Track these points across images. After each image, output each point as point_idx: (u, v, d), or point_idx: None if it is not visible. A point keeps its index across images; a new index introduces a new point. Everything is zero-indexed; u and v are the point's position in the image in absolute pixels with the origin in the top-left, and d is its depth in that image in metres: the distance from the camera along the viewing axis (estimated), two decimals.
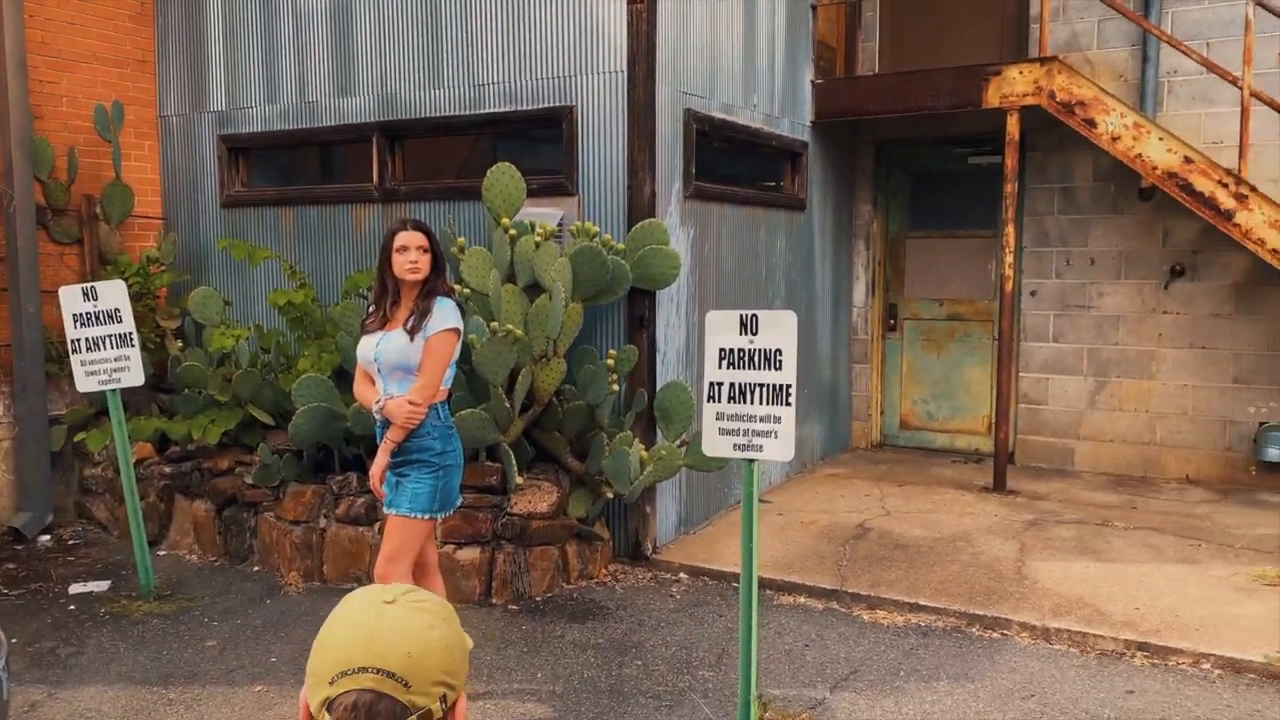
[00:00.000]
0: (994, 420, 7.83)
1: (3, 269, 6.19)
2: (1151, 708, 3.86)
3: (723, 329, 3.55)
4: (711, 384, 3.57)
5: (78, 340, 4.95)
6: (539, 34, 5.59)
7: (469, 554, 5.06)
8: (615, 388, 5.07)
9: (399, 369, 3.78)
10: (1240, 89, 6.09)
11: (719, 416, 3.56)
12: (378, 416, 3.82)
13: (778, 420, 3.46)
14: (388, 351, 3.78)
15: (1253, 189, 6.06)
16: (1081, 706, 3.88)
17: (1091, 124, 6.43)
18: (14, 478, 6.19)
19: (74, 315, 4.94)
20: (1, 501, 6.18)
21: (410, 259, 3.82)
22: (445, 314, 3.76)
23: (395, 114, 6.12)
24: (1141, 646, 4.31)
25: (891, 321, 8.47)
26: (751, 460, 3.53)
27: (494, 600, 5.06)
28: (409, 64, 6.05)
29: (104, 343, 4.94)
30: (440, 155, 6.32)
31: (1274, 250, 6.02)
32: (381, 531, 5.21)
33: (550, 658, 4.42)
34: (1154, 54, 7.08)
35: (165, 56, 7.08)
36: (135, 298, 6.56)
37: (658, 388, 5.42)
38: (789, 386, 3.44)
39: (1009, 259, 6.73)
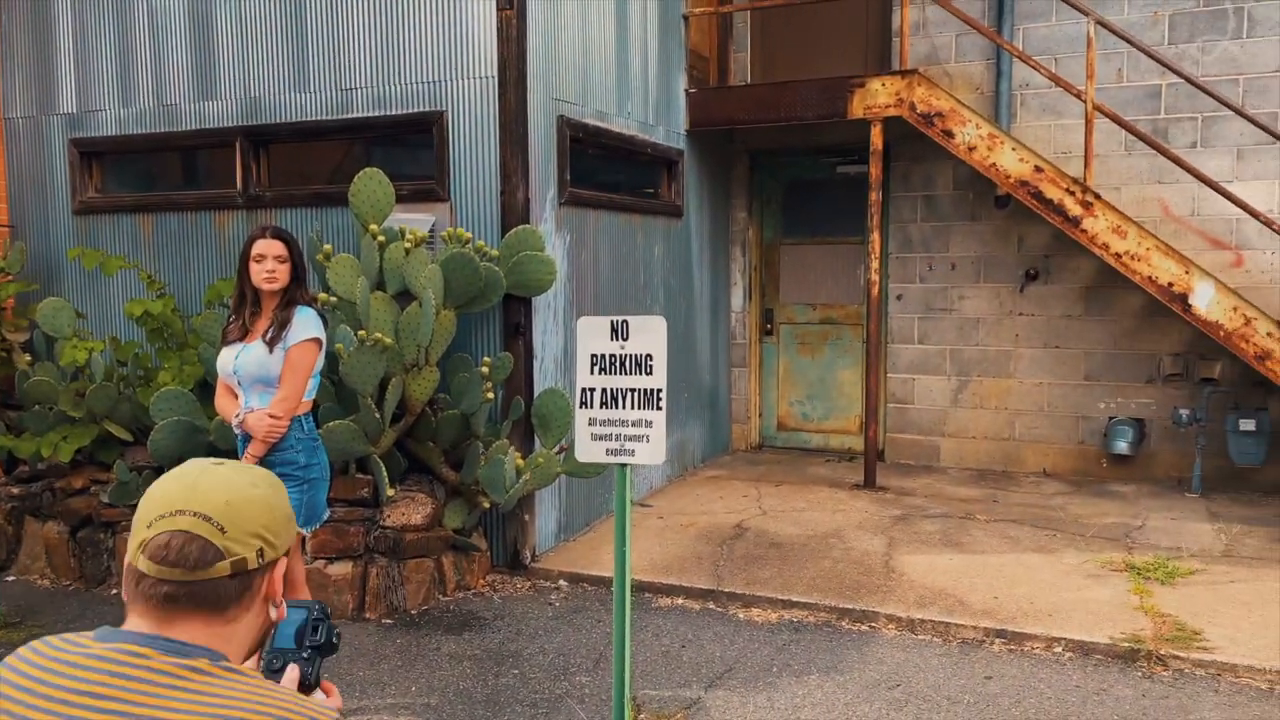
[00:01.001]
0: (864, 420, 8.09)
1: None
2: (1008, 691, 4.04)
3: (594, 335, 3.56)
4: (584, 390, 3.58)
5: None
6: (408, 38, 5.52)
7: (341, 569, 4.95)
8: (490, 396, 5.03)
9: (259, 381, 3.68)
10: (1084, 102, 6.44)
11: (591, 422, 3.57)
12: (238, 431, 3.71)
13: (649, 424, 3.50)
14: (247, 363, 3.68)
15: (1097, 196, 6.43)
16: (943, 693, 4.04)
17: (950, 135, 6.71)
18: None
19: None
20: None
21: (267, 268, 3.73)
22: (306, 324, 3.69)
23: (260, 118, 5.95)
24: (999, 634, 4.52)
25: (768, 326, 8.65)
26: (624, 465, 3.55)
27: (368, 615, 4.96)
28: (273, 67, 5.89)
29: None
30: (308, 161, 6.16)
31: (1117, 254, 6.39)
32: None
33: (425, 670, 4.35)
34: (1007, 68, 7.44)
35: (9, 56, 6.71)
36: None
37: (535, 395, 5.41)
38: (659, 391, 3.48)
39: (875, 264, 6.96)
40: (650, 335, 3.51)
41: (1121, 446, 7.29)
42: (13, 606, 5.14)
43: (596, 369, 3.57)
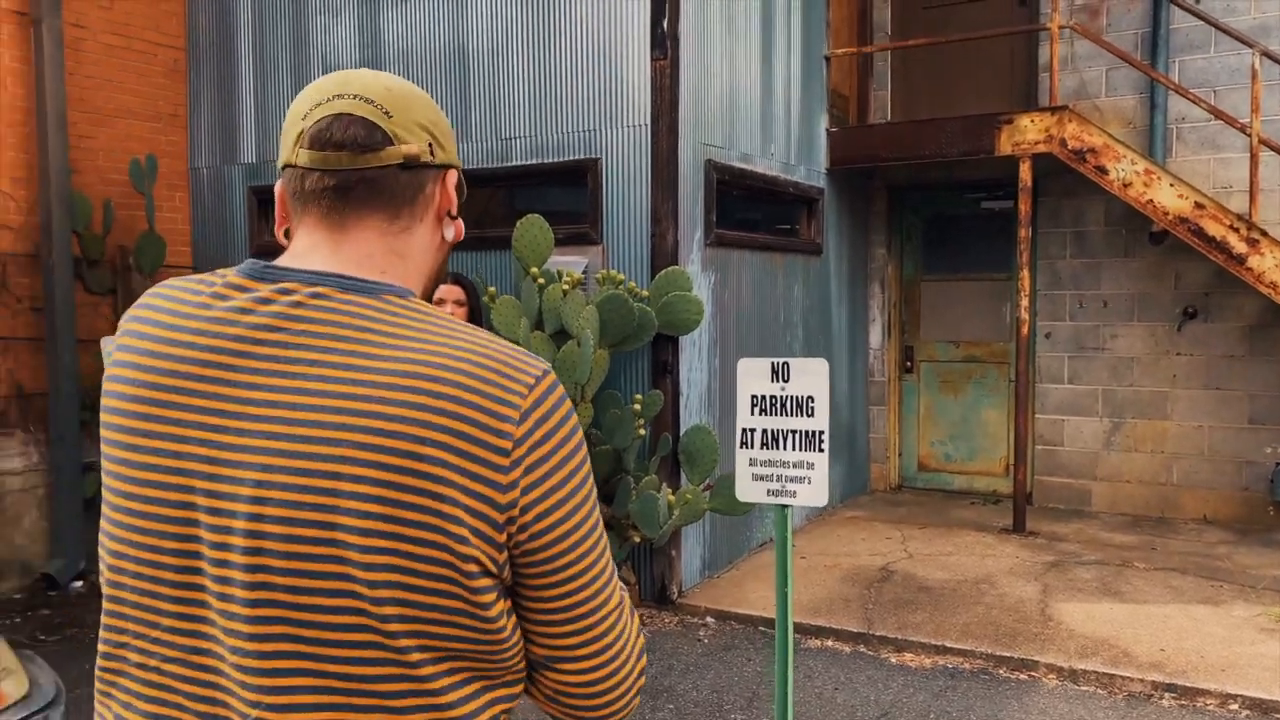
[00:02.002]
0: (1012, 462, 7.91)
1: (40, 320, 6.34)
2: None
3: (755, 376, 3.65)
4: (744, 430, 3.66)
5: None
6: (564, 90, 5.76)
7: None
8: (642, 432, 5.16)
9: None
10: (1249, 136, 6.22)
11: (752, 462, 3.65)
12: None
13: (811, 466, 3.55)
14: None
15: (1263, 233, 6.18)
16: None
17: (1103, 170, 6.56)
18: (47, 525, 6.29)
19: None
20: (35, 548, 6.27)
21: (446, 312, 3.95)
22: None
23: None
24: (1169, 688, 4.36)
25: (908, 364, 8.56)
26: (785, 506, 3.61)
27: None
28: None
29: None
30: (468, 206, 6.46)
31: None
32: None
33: None
34: (1162, 101, 7.23)
35: (197, 111, 7.28)
36: None
37: (682, 432, 5.52)
38: (821, 433, 3.53)
39: (1024, 302, 6.84)
40: (812, 377, 3.57)
41: None
42: None
43: (757, 410, 3.65)
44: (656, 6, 5.45)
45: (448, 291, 3.99)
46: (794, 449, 3.58)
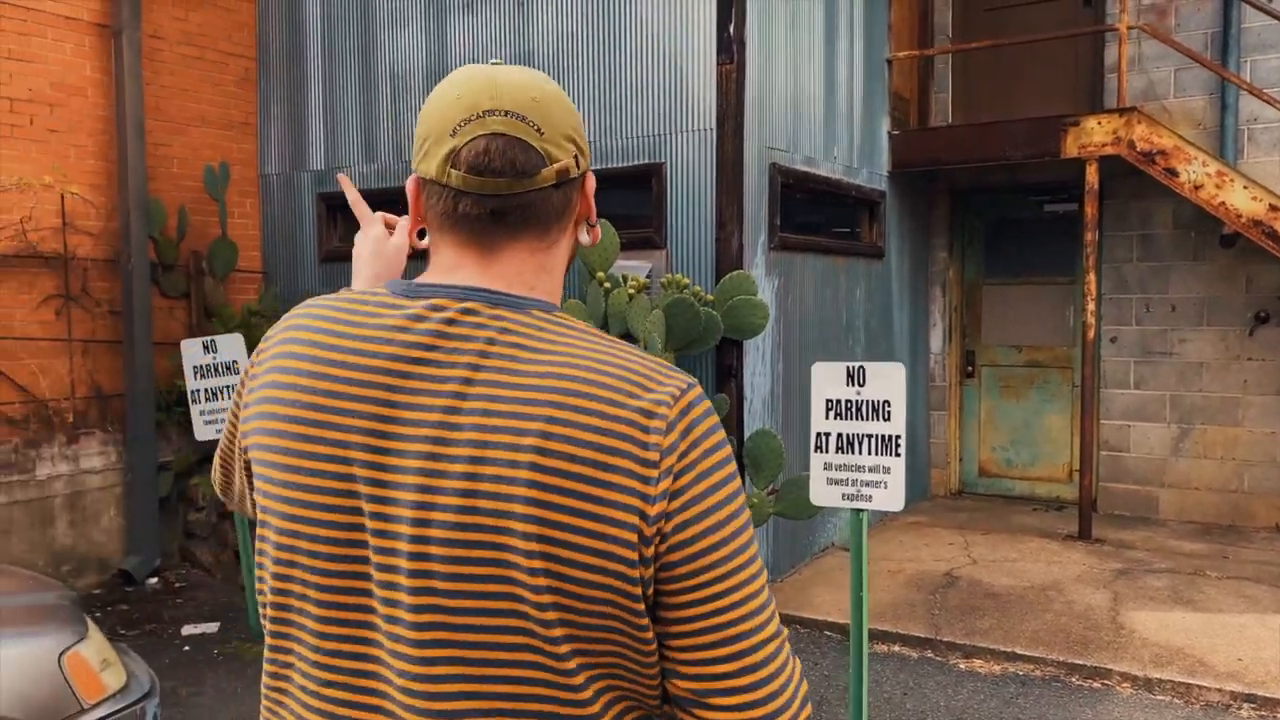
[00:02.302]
0: (1075, 467, 7.81)
1: (118, 323, 6.52)
2: None
3: (830, 380, 3.66)
4: (819, 434, 3.68)
5: (197, 391, 5.20)
6: (629, 95, 5.81)
7: None
8: None
9: None
10: None
11: (827, 466, 3.66)
12: None
13: (887, 470, 3.55)
14: None
15: None
16: None
17: (1173, 173, 6.46)
18: (124, 522, 6.46)
19: (194, 367, 5.20)
20: (113, 545, 6.45)
21: None
22: None
23: None
24: (1248, 698, 4.28)
25: (969, 368, 8.49)
26: (860, 510, 3.62)
27: None
28: None
29: (222, 393, 5.18)
30: None
31: None
32: None
33: None
34: (1233, 102, 7.10)
35: (267, 119, 7.44)
36: None
37: (745, 436, 5.53)
38: (898, 437, 3.54)
39: (1091, 306, 6.75)
40: (888, 381, 3.57)
41: None
42: None
43: (832, 414, 3.66)
44: (723, 11, 5.48)
45: None
46: (870, 453, 3.59)
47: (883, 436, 3.57)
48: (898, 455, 3.54)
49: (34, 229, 6.12)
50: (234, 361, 5.17)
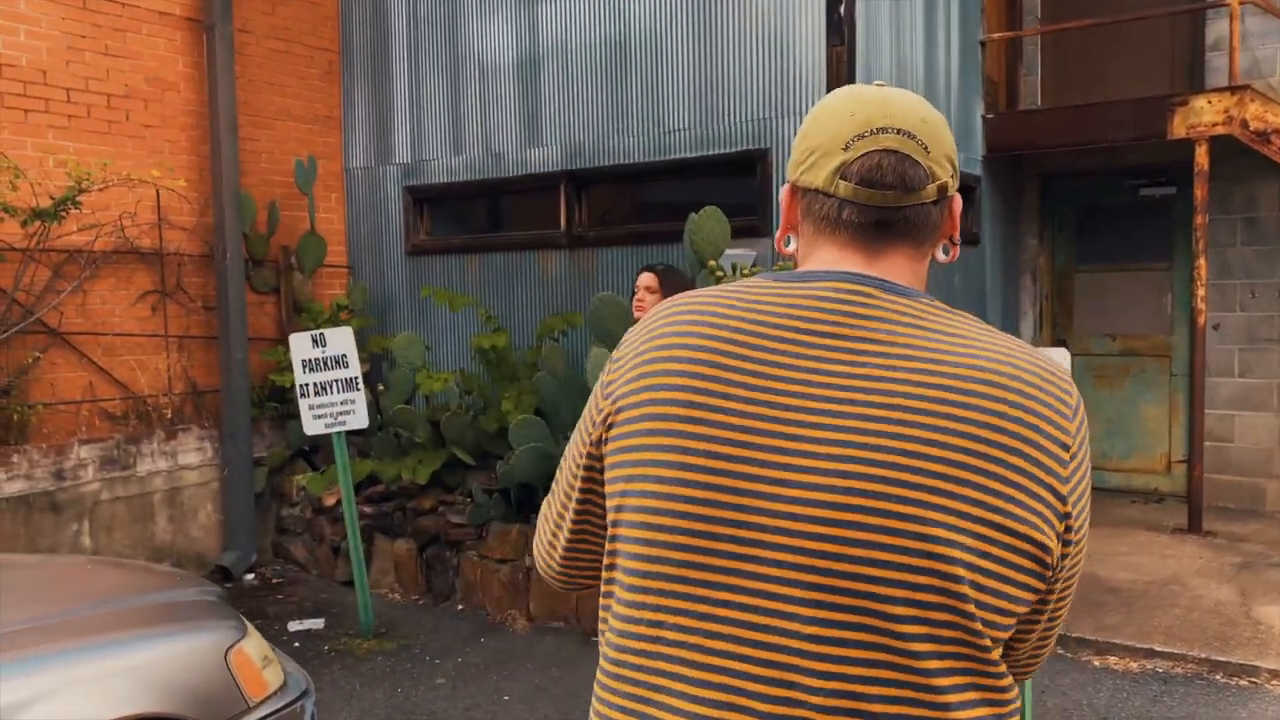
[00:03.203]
0: (1175, 458, 7.60)
1: (211, 318, 6.52)
2: None
3: None
4: None
5: (306, 385, 5.16)
6: (730, 80, 5.69)
7: None
8: None
9: None
10: None
11: None
12: None
13: None
14: None
15: None
16: None
17: None
18: (221, 517, 6.46)
19: (303, 361, 5.15)
20: (210, 541, 6.45)
21: (638, 298, 3.96)
22: None
23: (582, 162, 6.28)
24: None
25: None
26: None
27: None
28: (597, 113, 6.21)
29: (330, 387, 5.14)
30: (628, 201, 6.45)
31: None
32: None
33: None
34: None
35: (351, 113, 7.41)
36: None
37: None
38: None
39: (1201, 291, 6.54)
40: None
41: None
42: (376, 618, 5.58)
43: None
44: None
45: (640, 279, 3.98)
46: None
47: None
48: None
49: (131, 224, 6.12)
50: (343, 355, 5.12)
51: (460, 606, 5.77)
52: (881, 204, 1.07)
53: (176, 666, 2.72)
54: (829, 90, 5.23)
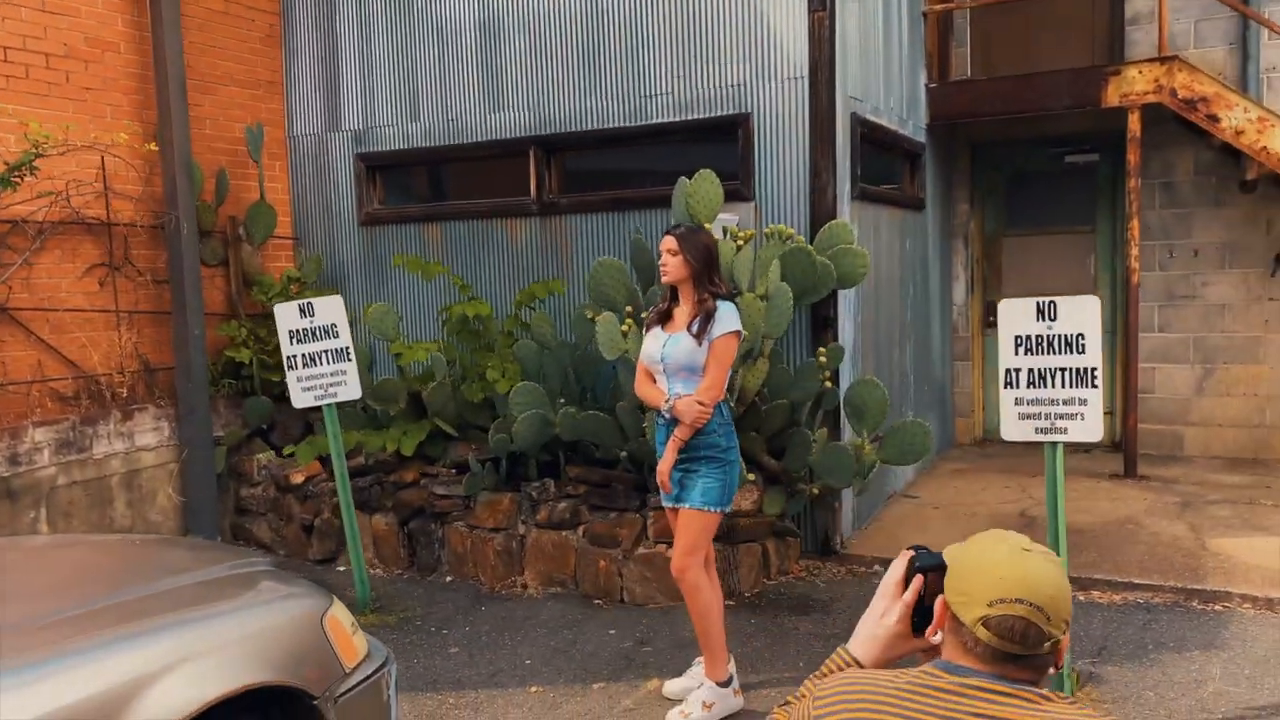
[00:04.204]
0: (1107, 410, 8.07)
1: (162, 292, 6.21)
2: None
3: (1018, 316, 3.70)
4: (1009, 370, 3.72)
5: (293, 356, 4.99)
6: (710, 44, 5.73)
7: None
8: (830, 385, 5.20)
9: (685, 369, 3.89)
10: None
11: (1018, 402, 3.71)
12: (666, 415, 3.92)
13: (1084, 403, 3.62)
14: (675, 353, 3.89)
15: None
16: None
17: (1214, 119, 6.68)
18: (183, 499, 6.18)
19: (290, 332, 4.98)
20: (170, 524, 6.17)
21: (661, 262, 3.96)
22: (728, 318, 3.87)
23: (553, 127, 6.22)
24: None
25: (991, 319, 8.67)
26: (1055, 443, 3.67)
27: None
28: (567, 76, 6.16)
29: (320, 358, 4.98)
30: (602, 167, 6.42)
31: None
32: (585, 535, 5.30)
33: (798, 648, 4.52)
34: (1255, 51, 7.37)
35: (295, 77, 7.12)
36: None
37: (841, 385, 5.56)
38: (1094, 369, 3.60)
39: (1134, 251, 6.95)
40: (1082, 315, 3.63)
41: None
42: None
43: (1021, 350, 3.70)
44: None
45: (663, 243, 3.99)
46: (1064, 386, 3.64)
47: (1078, 370, 3.63)
48: (1094, 387, 3.60)
49: (76, 194, 5.77)
50: (333, 325, 4.96)
51: (449, 578, 5.70)
52: (1006, 650, 1.42)
53: (281, 636, 2.63)
54: (813, 57, 5.35)
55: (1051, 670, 1.51)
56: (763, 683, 4.19)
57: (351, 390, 5.01)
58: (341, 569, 5.97)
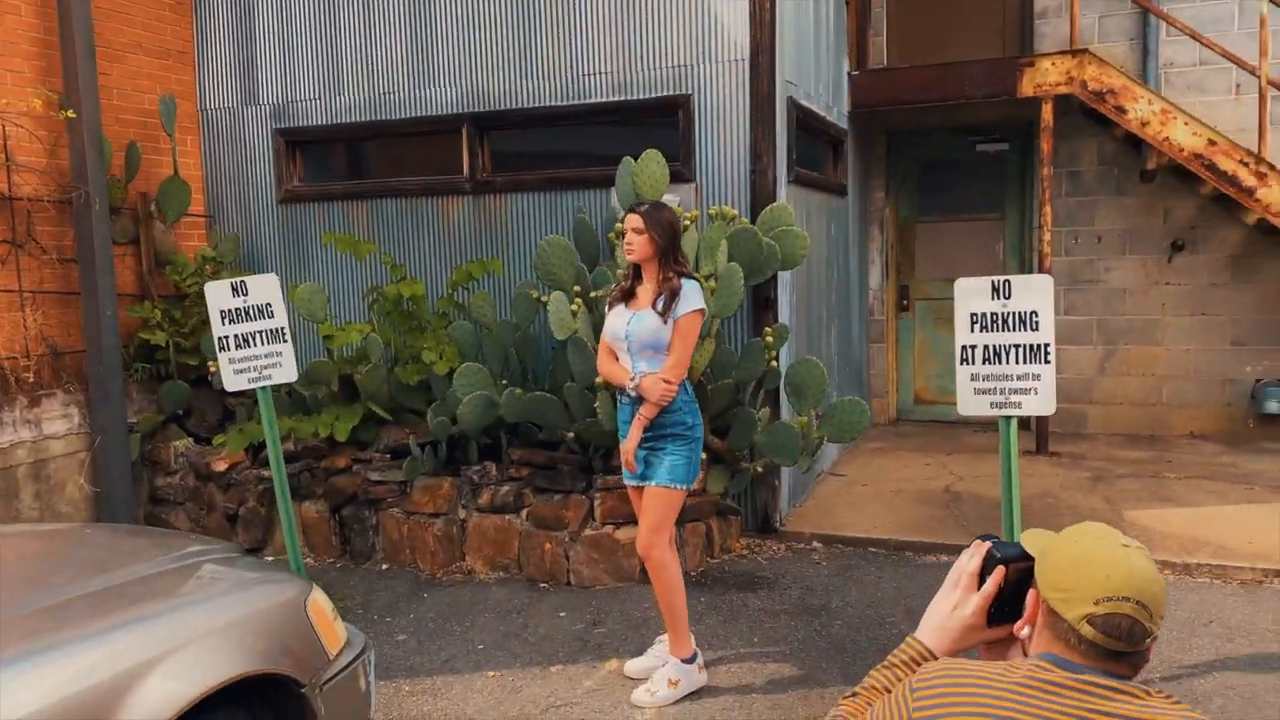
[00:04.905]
0: None
1: (68, 271, 5.86)
2: None
3: (974, 295, 3.80)
4: (964, 347, 3.81)
5: (226, 337, 4.76)
6: (650, 25, 5.70)
7: (627, 533, 5.14)
8: (775, 364, 5.25)
9: (649, 347, 3.87)
10: (1257, 77, 6.76)
11: (974, 378, 3.80)
12: (631, 394, 3.89)
13: (1037, 378, 3.73)
14: (639, 331, 3.87)
15: (1271, 167, 6.75)
16: (1260, 627, 4.32)
17: (1122, 110, 6.99)
18: (95, 490, 5.86)
19: (221, 312, 4.75)
20: (81, 516, 5.85)
21: (626, 240, 3.94)
22: (692, 296, 3.87)
23: (488, 104, 6.10)
24: (1277, 574, 4.81)
25: (904, 302, 8.92)
26: (1009, 417, 3.79)
27: None
28: (502, 53, 6.05)
29: (255, 339, 4.77)
30: (537, 146, 6.32)
31: None
32: (530, 518, 5.25)
33: (750, 624, 4.57)
34: (1154, 47, 7.74)
35: (207, 47, 6.80)
36: (197, 298, 6.34)
37: (782, 365, 5.63)
38: (1047, 345, 3.72)
39: (1047, 237, 7.23)
40: (1035, 293, 3.74)
41: (1273, 407, 7.64)
42: None
43: (977, 327, 3.81)
44: None
45: (627, 220, 3.96)
46: (1018, 362, 3.76)
47: (1032, 346, 3.74)
48: (1048, 363, 3.73)
49: None
50: (268, 304, 4.75)
51: (385, 566, 5.56)
52: (1112, 648, 1.42)
53: (267, 623, 2.52)
54: (754, 40, 5.38)
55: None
56: (720, 659, 4.22)
57: (287, 372, 4.81)
58: (270, 559, 5.77)
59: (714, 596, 4.92)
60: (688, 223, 5.16)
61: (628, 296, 3.98)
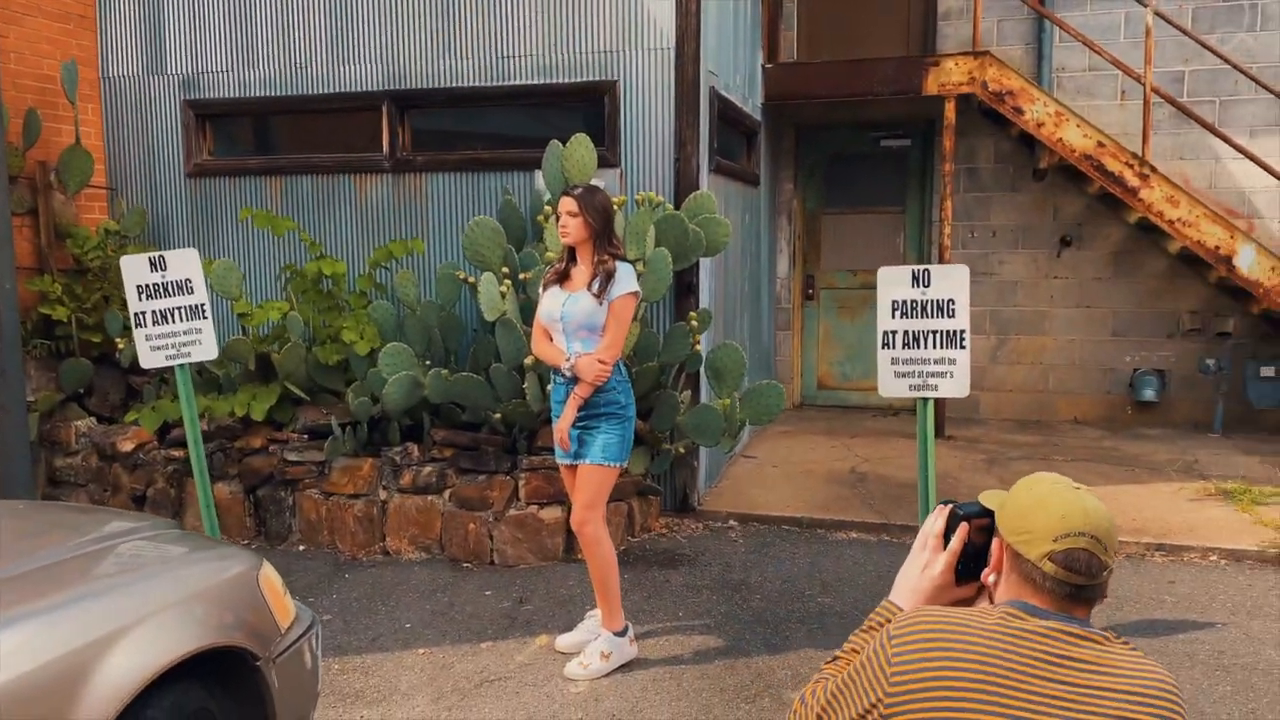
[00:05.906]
0: None
1: None
2: (1195, 593, 4.70)
3: (895, 283, 3.99)
4: (885, 333, 4.01)
5: (143, 313, 4.65)
6: (576, 9, 5.74)
7: (551, 513, 5.21)
8: (699, 348, 5.37)
9: (584, 328, 3.95)
10: (1143, 84, 7.20)
11: (894, 361, 4.00)
12: (567, 374, 3.96)
13: (953, 362, 3.95)
14: (575, 312, 3.94)
15: (1153, 169, 7.21)
16: (1146, 596, 4.66)
17: (1019, 111, 7.36)
18: None
19: (138, 287, 4.63)
20: None
21: (560, 223, 4.01)
22: (626, 278, 3.96)
23: (408, 83, 6.05)
24: (1158, 548, 5.19)
25: (809, 291, 9.18)
26: (926, 399, 4.00)
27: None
28: (422, 31, 6.00)
29: (173, 315, 4.67)
30: (458, 126, 6.29)
31: (1170, 221, 7.19)
32: (453, 499, 5.27)
33: (674, 600, 4.70)
34: (1048, 52, 8.16)
35: (110, 12, 6.54)
36: (99, 273, 6.14)
37: (703, 349, 5.76)
38: (963, 331, 3.94)
39: (947, 229, 7.56)
40: (952, 281, 3.96)
41: (1148, 395, 8.17)
42: None
43: (897, 314, 4.01)
44: None
45: (561, 203, 4.03)
46: (935, 347, 3.97)
47: (948, 332, 3.96)
48: (963, 348, 3.95)
49: None
50: (187, 280, 4.65)
51: (302, 547, 5.50)
52: (1074, 583, 1.53)
53: (221, 596, 2.51)
54: (680, 29, 5.48)
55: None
56: (648, 633, 4.33)
57: (208, 350, 4.72)
58: None
59: (637, 573, 5.03)
60: (616, 207, 5.23)
61: (562, 278, 4.04)
